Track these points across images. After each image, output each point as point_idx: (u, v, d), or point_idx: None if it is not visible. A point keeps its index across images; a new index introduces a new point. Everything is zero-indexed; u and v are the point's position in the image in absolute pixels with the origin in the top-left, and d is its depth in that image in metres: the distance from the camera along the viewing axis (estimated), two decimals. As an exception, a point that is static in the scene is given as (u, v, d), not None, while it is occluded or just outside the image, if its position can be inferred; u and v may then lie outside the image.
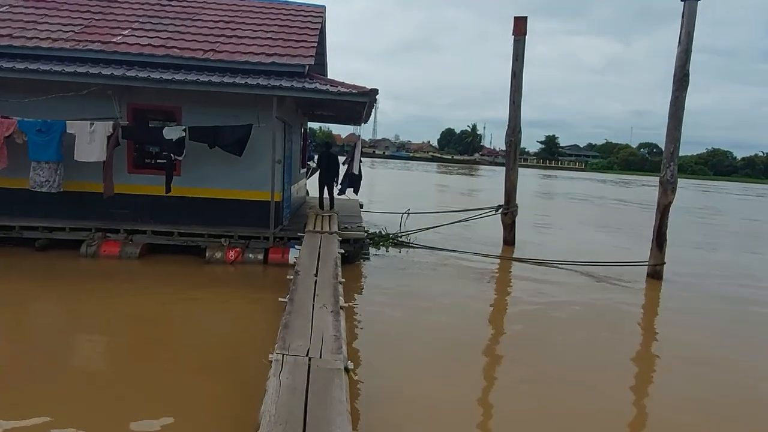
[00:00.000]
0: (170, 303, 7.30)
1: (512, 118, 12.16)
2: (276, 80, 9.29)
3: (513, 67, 11.90)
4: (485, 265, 11.26)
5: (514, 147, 12.36)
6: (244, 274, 8.91)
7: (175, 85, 8.93)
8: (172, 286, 8.07)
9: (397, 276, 9.62)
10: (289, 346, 3.99)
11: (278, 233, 9.71)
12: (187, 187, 10.06)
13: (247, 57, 9.71)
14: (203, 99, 9.79)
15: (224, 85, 8.96)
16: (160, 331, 6.35)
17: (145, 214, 10.03)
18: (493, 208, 13.17)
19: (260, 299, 7.56)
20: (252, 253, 9.36)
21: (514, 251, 12.75)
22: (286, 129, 10.67)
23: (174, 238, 9.49)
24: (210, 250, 9.29)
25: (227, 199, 10.11)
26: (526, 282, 9.93)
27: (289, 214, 11.61)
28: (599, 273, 10.77)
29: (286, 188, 11.03)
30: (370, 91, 9.17)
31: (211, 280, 8.54)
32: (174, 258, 9.42)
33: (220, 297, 7.62)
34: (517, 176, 12.67)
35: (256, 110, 9.63)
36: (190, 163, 9.94)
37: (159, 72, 9.22)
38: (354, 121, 15.20)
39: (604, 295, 9.39)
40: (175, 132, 9.49)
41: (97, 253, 9.12)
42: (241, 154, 9.71)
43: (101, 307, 6.94)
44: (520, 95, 11.99)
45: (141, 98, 9.84)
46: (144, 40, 9.91)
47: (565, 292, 9.36)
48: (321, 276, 5.98)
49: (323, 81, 9.69)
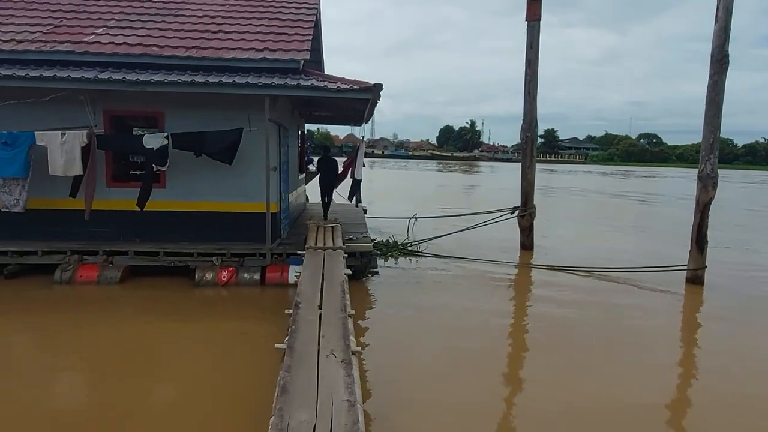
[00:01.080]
0: (149, 339, 6.27)
1: (528, 111, 11.12)
2: (268, 78, 8.27)
3: (527, 55, 10.87)
4: (506, 273, 10.24)
5: (530, 143, 11.32)
6: (238, 299, 7.89)
7: (152, 87, 7.91)
8: (154, 315, 7.03)
9: (411, 293, 8.57)
10: (288, 424, 2.98)
11: (276, 249, 8.69)
12: (173, 201, 9.06)
13: (235, 53, 8.69)
14: (188, 102, 8.80)
15: (209, 85, 7.95)
16: (128, 383, 5.06)
17: (128, 233, 9.03)
18: (509, 210, 12.16)
19: (256, 333, 6.52)
20: (247, 273, 8.35)
21: (534, 256, 11.75)
22: (281, 132, 9.65)
23: (159, 259, 8.48)
24: (200, 271, 8.28)
25: (218, 213, 9.09)
26: (555, 293, 8.90)
27: (287, 225, 10.60)
28: (632, 280, 9.75)
29: (284, 197, 10.02)
30: (374, 86, 8.15)
31: (201, 306, 7.52)
32: (160, 281, 8.41)
33: (208, 330, 6.54)
34: (534, 175, 11.63)
35: (247, 112, 8.63)
36: (176, 174, 8.94)
37: (135, 73, 8.20)
38: (354, 121, 14.16)
39: (644, 306, 8.37)
40: (156, 140, 8.49)
41: (72, 278, 8.11)
42: (231, 161, 8.70)
43: (70, 344, 5.96)
44: (536, 86, 10.95)
45: (118, 104, 8.84)
46: (119, 38, 8.89)
47: (601, 304, 8.35)
48: (326, 308, 4.96)
49: (320, 77, 8.67)
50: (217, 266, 8.39)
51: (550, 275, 10.12)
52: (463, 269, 10.31)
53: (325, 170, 12.00)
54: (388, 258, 10.98)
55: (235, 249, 8.60)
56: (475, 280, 9.60)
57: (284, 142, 10.18)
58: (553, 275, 10.12)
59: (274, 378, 3.91)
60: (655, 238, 15.41)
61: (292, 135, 11.93)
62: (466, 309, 7.86)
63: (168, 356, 5.86)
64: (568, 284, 9.52)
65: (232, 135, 8.57)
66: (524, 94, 11.06)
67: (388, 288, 8.83)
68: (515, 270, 10.65)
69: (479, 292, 8.90)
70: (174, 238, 8.97)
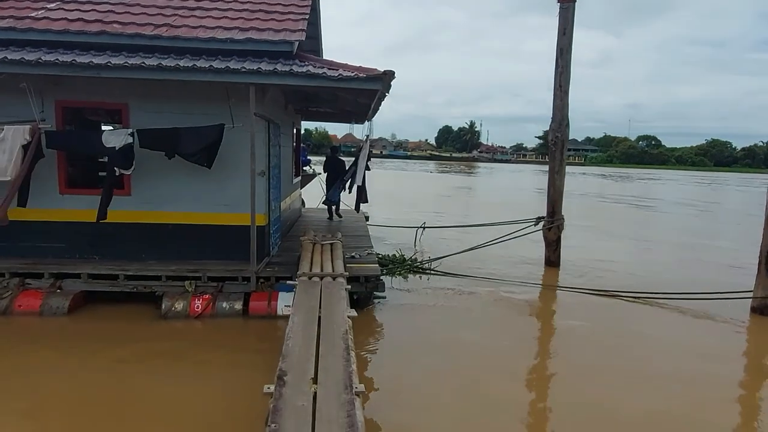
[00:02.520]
0: (90, 397, 4.74)
1: (558, 108, 9.59)
2: (253, 63, 6.76)
3: (559, 43, 9.35)
4: (531, 298, 8.76)
5: (561, 145, 9.80)
6: (214, 336, 6.33)
7: (109, 72, 6.37)
8: (103, 360, 5.48)
9: (428, 328, 7.01)
10: None
11: (263, 271, 7.16)
12: (140, 211, 7.52)
13: (214, 33, 7.13)
14: (157, 92, 7.28)
15: (180, 71, 6.41)
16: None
17: (85, 249, 7.51)
18: (532, 221, 10.67)
19: (236, 393, 4.99)
20: (227, 302, 6.81)
21: (560, 274, 10.27)
22: (270, 129, 8.11)
23: (119, 284, 6.93)
24: (168, 300, 6.73)
25: (193, 226, 7.56)
26: (593, 325, 7.42)
27: (279, 238, 9.06)
28: (684, 308, 8.27)
29: (274, 207, 8.48)
30: (384, 73, 6.62)
31: (165, 348, 5.96)
32: (119, 310, 6.87)
33: (173, 389, 5.04)
34: (563, 181, 10.12)
35: (229, 105, 7.11)
36: (143, 178, 7.42)
37: (90, 55, 6.66)
38: (356, 118, 12.62)
39: (708, 346, 6.90)
40: (118, 137, 6.95)
41: (10, 308, 6.56)
42: (210, 164, 7.17)
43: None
44: (568, 78, 9.43)
45: (72, 93, 7.29)
46: (75, 14, 7.34)
47: (652, 339, 6.87)
48: (324, 384, 3.43)
49: (318, 63, 7.14)
50: (190, 293, 6.85)
51: (584, 300, 8.61)
52: (480, 292, 8.78)
53: (332, 172, 11.46)
54: (396, 275, 9.48)
55: (213, 271, 7.06)
56: (497, 308, 8.10)
57: (275, 141, 8.63)
58: (587, 300, 8.62)
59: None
60: (695, 253, 13.98)
61: (285, 133, 10.39)
62: (491, 347, 6.37)
63: (112, 424, 4.33)
64: (606, 313, 8.04)
65: (211, 132, 7.04)
66: (554, 87, 9.53)
67: (396, 318, 7.31)
68: (542, 293, 9.15)
69: (503, 324, 7.40)
70: (140, 256, 7.46)
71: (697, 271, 11.21)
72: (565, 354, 6.45)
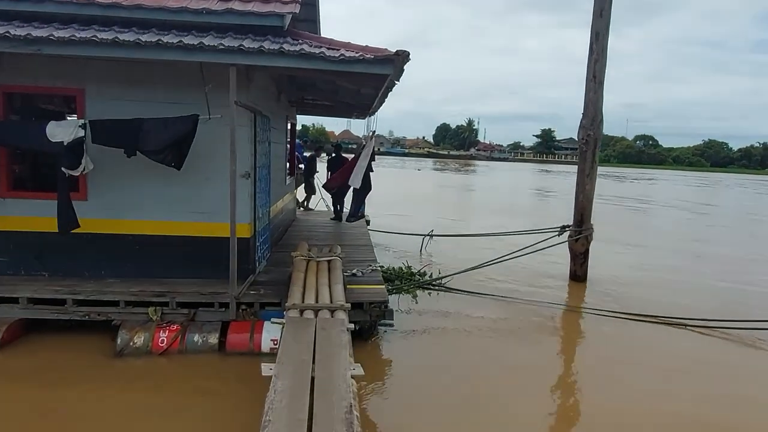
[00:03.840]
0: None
1: (592, 102, 8.33)
2: (235, 39, 5.47)
3: (594, 26, 8.09)
4: (557, 322, 7.54)
5: (593, 145, 8.55)
6: (182, 379, 5.06)
7: (53, 48, 5.07)
8: (32, 414, 4.21)
9: (446, 368, 5.75)
10: None
11: (245, 295, 5.87)
12: (97, 219, 6.23)
13: (186, 2, 5.82)
14: (120, 76, 6.03)
15: (142, 48, 5.11)
16: None
17: (32, 263, 6.23)
18: (556, 231, 9.42)
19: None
20: (199, 334, 5.52)
21: (587, 291, 9.06)
22: (258, 123, 6.81)
23: (67, 310, 5.63)
24: (126, 332, 5.43)
25: (162, 237, 6.28)
26: (634, 362, 6.20)
27: (268, 249, 7.76)
28: (741, 336, 7.07)
29: (262, 214, 7.19)
30: (397, 54, 5.34)
31: (117, 400, 4.66)
32: (66, 341, 5.58)
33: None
34: (594, 186, 8.88)
35: (205, 92, 5.81)
36: (102, 180, 6.15)
37: (32, 27, 5.35)
38: (357, 112, 11.32)
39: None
40: (66, 130, 5.65)
41: (-75, 342, 5.25)
42: (180, 165, 5.88)
43: None
44: (604, 67, 8.17)
45: (17, 76, 5.99)
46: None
47: (702, 375, 5.67)
48: None
49: (315, 41, 5.84)
50: (154, 322, 5.56)
51: (619, 325, 7.38)
52: (501, 315, 7.55)
53: (335, 171, 10.79)
54: (403, 292, 8.22)
55: (184, 295, 5.77)
56: (518, 335, 6.88)
57: (264, 136, 7.33)
58: (623, 326, 7.39)
59: None
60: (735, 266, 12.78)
61: (277, 128, 9.10)
62: (524, 399, 5.12)
63: None
64: (650, 343, 6.82)
65: (181, 125, 5.75)
66: (587, 78, 8.27)
67: (408, 353, 6.04)
68: (568, 315, 7.92)
69: (527, 356, 6.17)
70: (98, 273, 6.20)
71: (741, 292, 10.01)
72: (604, 399, 5.20)
